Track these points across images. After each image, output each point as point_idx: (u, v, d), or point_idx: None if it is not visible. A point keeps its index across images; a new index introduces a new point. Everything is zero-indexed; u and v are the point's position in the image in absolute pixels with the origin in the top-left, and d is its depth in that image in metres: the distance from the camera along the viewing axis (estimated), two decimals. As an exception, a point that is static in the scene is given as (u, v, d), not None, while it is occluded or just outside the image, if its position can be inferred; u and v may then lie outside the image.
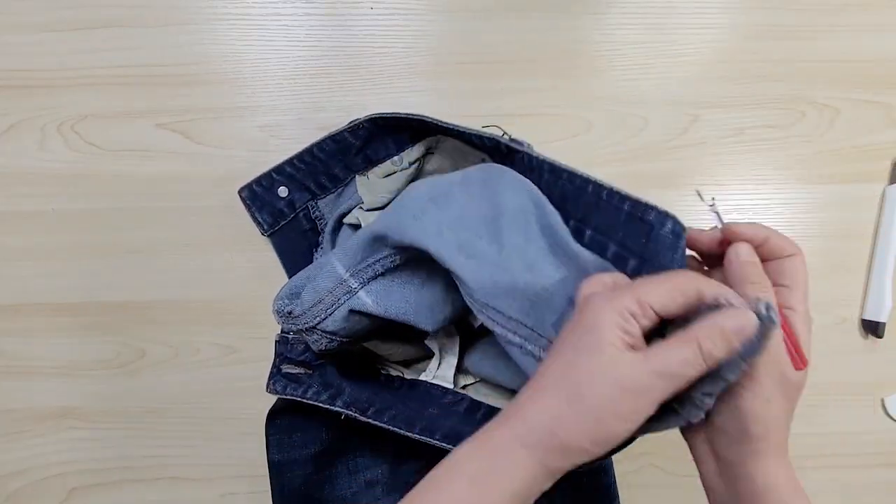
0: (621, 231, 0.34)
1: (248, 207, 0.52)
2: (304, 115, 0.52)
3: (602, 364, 0.28)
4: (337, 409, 0.44)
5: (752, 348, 0.28)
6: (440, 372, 0.49)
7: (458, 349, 0.49)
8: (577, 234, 0.36)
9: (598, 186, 0.35)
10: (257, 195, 0.51)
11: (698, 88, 0.53)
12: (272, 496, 0.50)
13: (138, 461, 0.55)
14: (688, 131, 0.54)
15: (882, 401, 0.56)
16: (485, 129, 0.41)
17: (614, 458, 0.50)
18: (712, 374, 0.29)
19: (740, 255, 0.32)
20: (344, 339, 0.44)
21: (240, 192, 0.52)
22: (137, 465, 0.55)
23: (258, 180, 0.51)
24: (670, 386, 0.28)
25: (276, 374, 0.47)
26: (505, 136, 0.40)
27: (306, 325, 0.42)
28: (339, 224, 0.50)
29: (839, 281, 0.55)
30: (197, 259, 0.54)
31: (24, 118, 0.52)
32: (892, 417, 0.56)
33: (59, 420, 0.55)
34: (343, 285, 0.42)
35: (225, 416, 0.55)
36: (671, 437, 0.56)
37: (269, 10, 0.52)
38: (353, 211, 0.49)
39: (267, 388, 0.47)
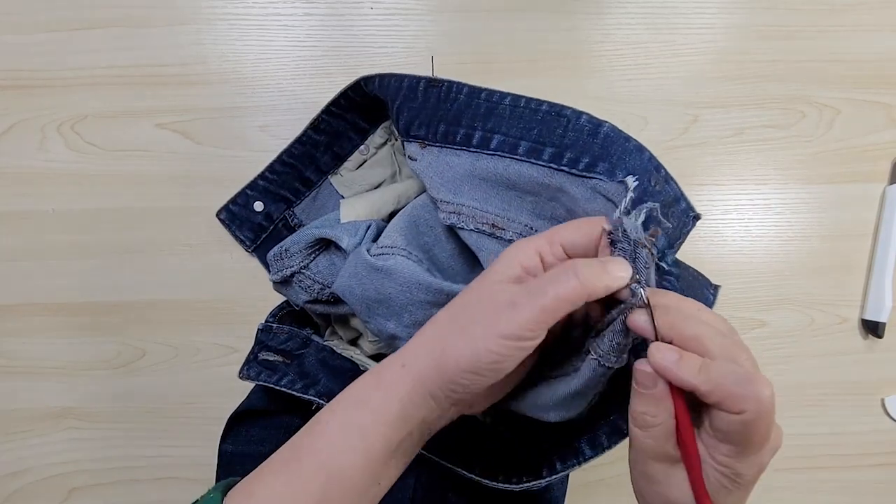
0: (536, 128, 0.37)
1: (228, 228, 0.52)
2: (304, 116, 0.51)
3: (485, 288, 0.30)
4: (309, 397, 0.44)
5: (624, 307, 0.30)
6: None
7: None
8: (484, 143, 0.38)
9: (516, 98, 0.38)
10: (235, 214, 0.52)
11: (698, 88, 0.53)
12: None
13: (138, 461, 0.55)
14: (688, 131, 0.54)
15: (882, 401, 0.56)
16: (411, 75, 0.42)
17: (615, 457, 0.50)
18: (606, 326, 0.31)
19: (640, 382, 0.29)
20: (332, 290, 0.44)
21: (217, 214, 0.52)
22: (137, 465, 0.55)
23: (233, 200, 0.52)
24: (537, 306, 0.28)
25: (251, 360, 0.47)
26: (425, 79, 0.42)
27: (300, 265, 0.44)
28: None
29: (839, 281, 0.55)
30: (197, 259, 0.54)
31: (24, 118, 0.52)
32: (892, 417, 0.56)
33: (59, 420, 0.55)
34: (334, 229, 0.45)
35: (225, 416, 0.55)
36: (671, 437, 0.56)
37: (269, 10, 0.52)
38: (320, 220, 0.49)
39: (240, 373, 0.46)
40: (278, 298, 0.54)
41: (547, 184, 0.36)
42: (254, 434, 0.50)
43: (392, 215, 0.47)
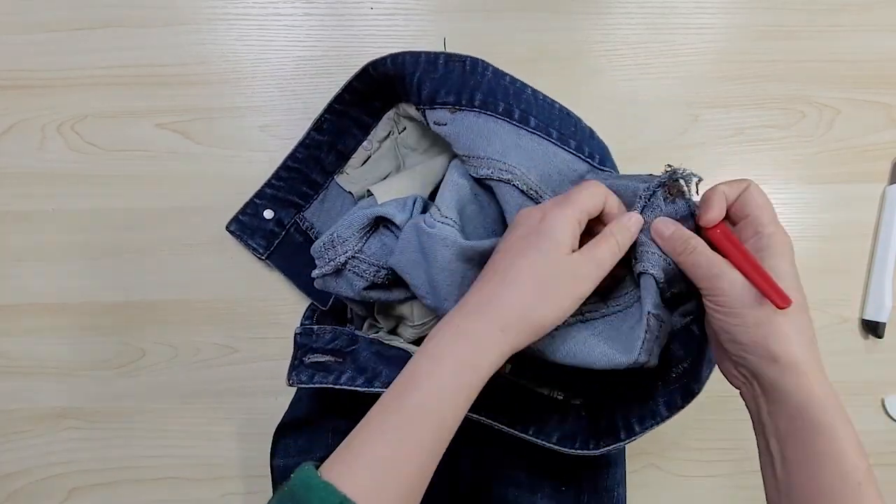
0: (558, 121, 0.44)
1: (240, 238, 0.52)
2: (304, 116, 0.52)
3: (562, 262, 0.36)
4: (377, 390, 0.43)
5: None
6: None
7: None
8: (524, 120, 0.43)
9: (535, 91, 0.45)
10: (245, 225, 0.52)
11: (698, 88, 0.53)
12: None
13: (138, 461, 0.55)
14: (688, 131, 0.54)
15: (882, 401, 0.56)
16: (426, 51, 0.45)
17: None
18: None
19: (662, 235, 0.39)
20: (388, 270, 0.44)
21: (227, 227, 0.52)
22: (137, 465, 0.55)
23: (242, 210, 0.52)
24: (602, 272, 0.37)
25: (298, 365, 0.46)
26: (443, 54, 0.45)
27: (356, 249, 0.44)
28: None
29: (839, 281, 0.55)
30: (197, 259, 0.54)
31: (24, 118, 0.52)
32: (892, 417, 0.56)
33: (59, 420, 0.55)
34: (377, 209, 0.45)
35: (225, 416, 0.55)
36: (671, 437, 0.56)
37: (269, 10, 0.52)
38: (362, 203, 0.49)
39: (288, 380, 0.45)
40: (279, 299, 0.54)
41: (574, 169, 0.43)
42: (302, 444, 0.50)
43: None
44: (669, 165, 0.39)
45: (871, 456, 0.56)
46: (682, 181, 0.39)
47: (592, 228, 0.39)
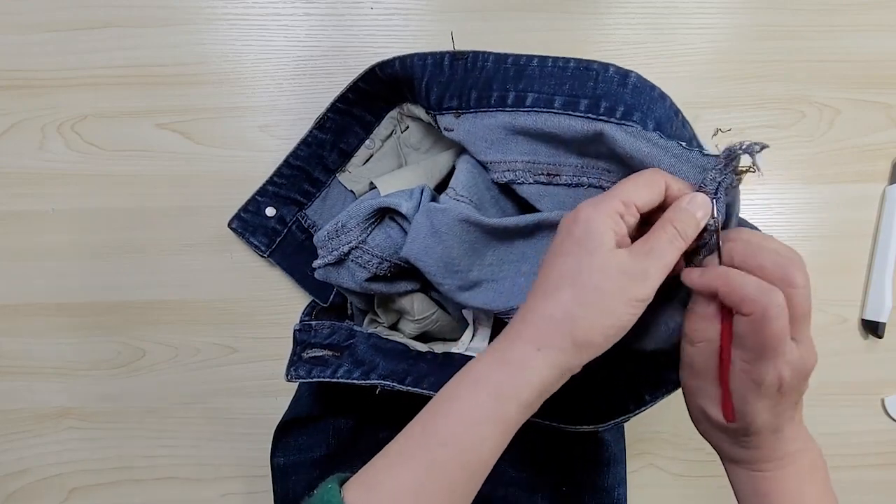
0: (568, 83, 0.39)
1: (241, 236, 0.52)
2: (304, 115, 0.52)
3: (604, 260, 0.31)
4: (372, 382, 0.43)
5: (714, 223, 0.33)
6: (474, 344, 0.49)
7: (492, 320, 0.49)
8: (519, 101, 0.40)
9: (543, 58, 0.41)
10: (247, 222, 0.52)
11: (698, 88, 0.53)
12: (274, 502, 0.49)
13: (138, 461, 0.55)
14: (688, 131, 0.54)
15: (882, 401, 0.56)
16: (433, 52, 0.44)
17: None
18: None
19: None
20: (391, 262, 0.44)
21: (229, 224, 0.52)
22: (137, 465, 0.55)
23: (244, 207, 0.52)
24: (661, 266, 0.31)
25: (297, 361, 0.46)
26: (448, 54, 0.44)
27: (359, 240, 0.44)
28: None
29: (839, 281, 0.55)
30: (197, 259, 0.54)
31: (24, 118, 0.52)
32: (892, 417, 0.56)
33: (59, 420, 0.55)
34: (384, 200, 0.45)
35: (225, 416, 0.55)
36: (671, 437, 0.56)
37: (269, 10, 0.52)
38: (367, 195, 0.49)
39: (287, 376, 0.45)
40: (279, 299, 0.54)
41: (586, 131, 0.38)
42: (302, 442, 0.50)
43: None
44: (720, 129, 0.35)
45: (871, 456, 0.56)
46: (743, 157, 0.33)
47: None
